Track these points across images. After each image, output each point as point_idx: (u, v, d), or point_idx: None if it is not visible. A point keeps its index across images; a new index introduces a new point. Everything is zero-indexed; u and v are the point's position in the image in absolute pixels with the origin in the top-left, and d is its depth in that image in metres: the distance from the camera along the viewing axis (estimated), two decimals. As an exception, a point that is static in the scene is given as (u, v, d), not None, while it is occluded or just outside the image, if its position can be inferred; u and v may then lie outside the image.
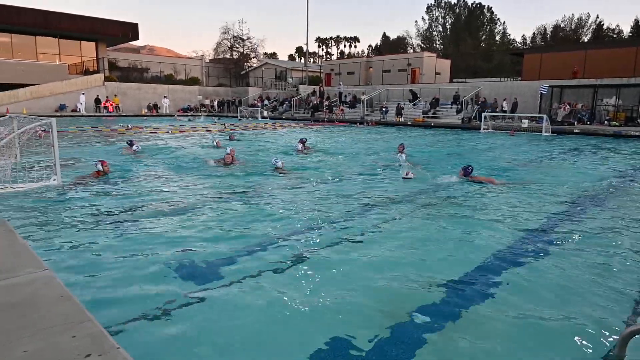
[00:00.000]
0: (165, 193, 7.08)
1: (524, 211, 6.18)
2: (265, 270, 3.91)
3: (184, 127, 22.63)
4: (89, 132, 19.19)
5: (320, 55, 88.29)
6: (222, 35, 50.56)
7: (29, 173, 7.00)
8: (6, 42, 35.06)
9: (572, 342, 2.90)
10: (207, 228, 5.15)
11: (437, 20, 67.11)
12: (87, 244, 4.48)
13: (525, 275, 3.93)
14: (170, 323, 3.02)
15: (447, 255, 4.41)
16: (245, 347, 2.79)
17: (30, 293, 2.49)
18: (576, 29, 59.38)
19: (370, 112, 31.70)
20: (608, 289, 3.65)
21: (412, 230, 5.27)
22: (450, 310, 3.26)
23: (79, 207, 5.98)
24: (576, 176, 9.41)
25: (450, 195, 7.14)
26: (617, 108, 22.97)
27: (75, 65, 37.46)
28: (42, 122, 7.32)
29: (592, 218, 5.94)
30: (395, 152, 11.94)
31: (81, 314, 2.25)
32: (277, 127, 24.37)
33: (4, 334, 2.06)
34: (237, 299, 3.41)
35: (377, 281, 3.72)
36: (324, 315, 3.17)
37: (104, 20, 37.72)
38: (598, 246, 4.70)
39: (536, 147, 15.67)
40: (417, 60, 39.54)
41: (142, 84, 37.66)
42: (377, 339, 2.85)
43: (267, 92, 42.03)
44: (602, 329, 3.01)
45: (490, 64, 50.21)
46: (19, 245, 3.33)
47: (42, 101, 30.78)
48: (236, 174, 8.91)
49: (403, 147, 12.09)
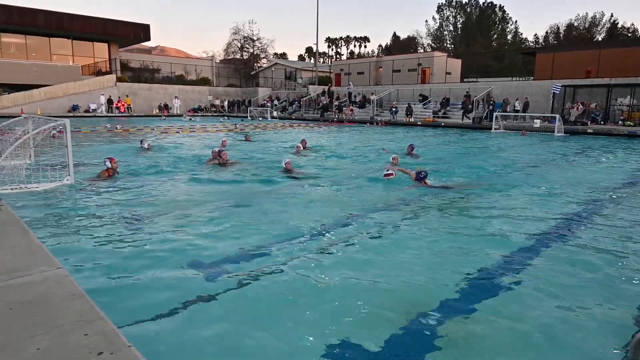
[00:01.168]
0: (175, 192, 7.14)
1: (535, 212, 6.11)
2: (276, 269, 3.92)
3: (184, 127, 22.74)
4: (102, 131, 19.42)
5: (330, 56, 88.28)
6: (233, 35, 50.76)
7: (43, 173, 7.10)
8: (21, 44, 35.65)
9: (585, 344, 2.86)
10: (218, 227, 5.18)
11: (448, 19, 66.60)
12: (100, 243, 4.54)
13: (536, 275, 3.89)
14: (182, 322, 3.04)
15: (456, 255, 4.38)
16: (255, 346, 2.80)
17: (44, 291, 2.52)
18: (590, 27, 58.47)
19: (380, 112, 31.59)
20: (621, 290, 3.59)
21: (421, 230, 5.24)
22: (462, 308, 3.25)
23: (91, 207, 6.06)
24: (588, 177, 9.27)
25: (461, 197, 7.08)
26: (631, 108, 22.57)
27: (88, 66, 37.94)
28: (56, 123, 7.43)
29: (607, 218, 5.86)
30: (405, 153, 11.90)
31: (93, 312, 2.28)
32: (286, 127, 24.41)
33: (17, 331, 2.09)
34: (248, 298, 3.42)
35: (388, 280, 3.71)
36: (335, 315, 3.17)
37: (116, 22, 38.15)
38: (612, 246, 4.63)
39: (547, 147, 15.47)
40: (427, 60, 39.28)
41: (153, 85, 37.99)
42: (389, 338, 2.84)
43: (277, 93, 42.13)
44: (616, 331, 2.97)
45: (501, 63, 49.71)
46: (32, 244, 3.38)
47: (55, 102, 31.22)
48: (243, 173, 8.94)
49: (412, 148, 12.03)
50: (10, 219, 4.19)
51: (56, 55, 36.86)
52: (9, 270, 2.81)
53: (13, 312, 2.27)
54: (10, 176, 6.78)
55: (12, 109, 27.25)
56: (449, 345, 2.84)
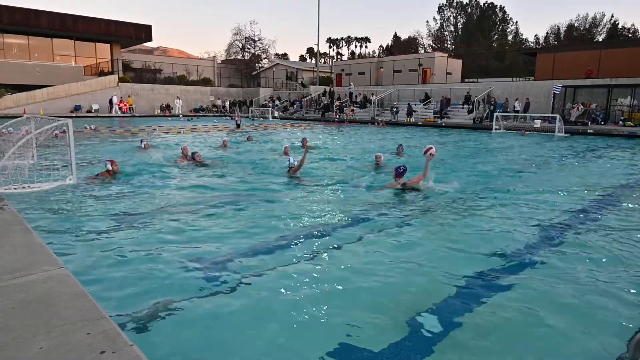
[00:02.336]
0: (175, 191, 7.17)
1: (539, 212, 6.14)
2: (276, 269, 3.95)
3: (185, 127, 22.78)
4: (107, 132, 19.47)
5: (331, 56, 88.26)
6: (234, 36, 50.77)
7: (45, 173, 7.15)
8: (24, 44, 35.73)
9: (583, 344, 2.89)
10: (218, 227, 5.21)
11: (449, 20, 66.49)
12: (102, 243, 4.57)
13: (537, 276, 3.91)
14: (183, 321, 3.07)
15: (456, 255, 4.40)
16: (255, 346, 2.83)
17: (46, 290, 2.56)
18: (590, 28, 58.32)
19: (381, 112, 31.60)
20: (621, 290, 3.62)
21: (421, 230, 5.27)
22: (462, 308, 3.27)
23: (93, 206, 6.10)
24: (587, 176, 9.28)
25: (464, 197, 7.10)
26: (632, 108, 22.54)
27: (90, 66, 38.01)
28: (59, 122, 7.48)
29: (607, 218, 5.87)
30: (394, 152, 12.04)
31: (96, 312, 2.31)
32: (287, 126, 24.44)
33: (20, 330, 2.12)
34: (248, 298, 3.44)
35: (388, 280, 3.74)
36: (335, 315, 3.20)
37: (118, 22, 38.20)
38: (613, 246, 4.65)
39: (547, 147, 15.47)
40: (428, 61, 39.27)
41: (155, 85, 38.03)
42: (389, 339, 2.87)
43: (278, 93, 42.14)
44: (617, 330, 2.99)
45: (502, 63, 49.65)
46: (35, 244, 3.42)
47: (58, 102, 31.28)
48: (247, 172, 8.97)
49: (402, 148, 12.16)
50: (13, 218, 4.24)
51: (59, 55, 36.94)
52: (12, 270, 2.85)
53: (16, 312, 2.30)
54: (13, 176, 6.83)
55: (15, 110, 27.31)
56: (448, 345, 2.87)
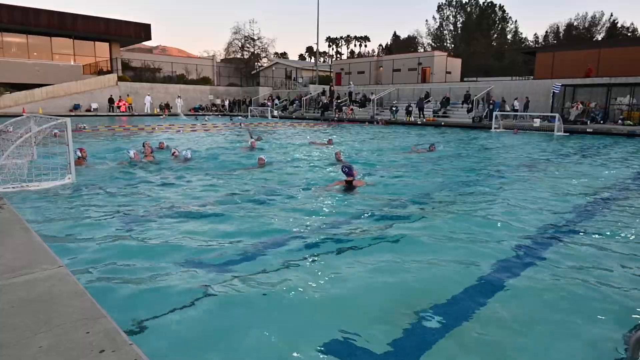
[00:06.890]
0: (175, 191, 7.17)
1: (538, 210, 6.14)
2: (276, 269, 3.95)
3: (185, 126, 22.76)
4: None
5: (330, 55, 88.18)
6: (233, 35, 50.58)
7: (44, 171, 7.14)
8: (23, 43, 35.70)
9: (583, 344, 2.89)
10: (218, 226, 5.20)
11: (448, 19, 66.45)
12: (101, 241, 4.57)
13: (534, 277, 3.92)
14: (183, 320, 3.07)
15: (456, 255, 4.41)
16: (255, 346, 2.83)
17: (46, 289, 2.56)
18: (590, 27, 58.32)
19: (381, 111, 31.61)
20: (622, 289, 3.62)
21: (420, 229, 5.27)
22: (462, 308, 3.28)
23: (93, 205, 6.09)
24: (587, 176, 9.29)
25: (463, 197, 7.11)
26: (631, 107, 22.57)
27: (89, 65, 38.00)
28: (58, 121, 7.47)
29: (607, 218, 5.88)
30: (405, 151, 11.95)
31: (95, 310, 2.31)
32: (288, 126, 24.44)
33: (20, 329, 2.12)
34: (248, 298, 3.44)
35: (387, 280, 3.75)
36: (335, 315, 3.20)
37: (117, 21, 38.17)
38: (612, 246, 4.65)
39: (546, 146, 15.48)
40: (427, 60, 39.29)
41: (155, 84, 38.00)
42: (389, 339, 2.87)
43: (278, 92, 42.12)
44: (618, 330, 3.00)
45: (501, 62, 49.64)
46: (34, 243, 3.42)
47: (57, 101, 31.26)
48: (261, 172, 8.97)
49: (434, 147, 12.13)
50: (12, 217, 4.23)
51: (58, 54, 36.92)
52: (12, 269, 2.85)
53: (16, 310, 2.31)
54: (12, 175, 6.82)
55: (14, 108, 27.30)
56: (449, 345, 2.87)
